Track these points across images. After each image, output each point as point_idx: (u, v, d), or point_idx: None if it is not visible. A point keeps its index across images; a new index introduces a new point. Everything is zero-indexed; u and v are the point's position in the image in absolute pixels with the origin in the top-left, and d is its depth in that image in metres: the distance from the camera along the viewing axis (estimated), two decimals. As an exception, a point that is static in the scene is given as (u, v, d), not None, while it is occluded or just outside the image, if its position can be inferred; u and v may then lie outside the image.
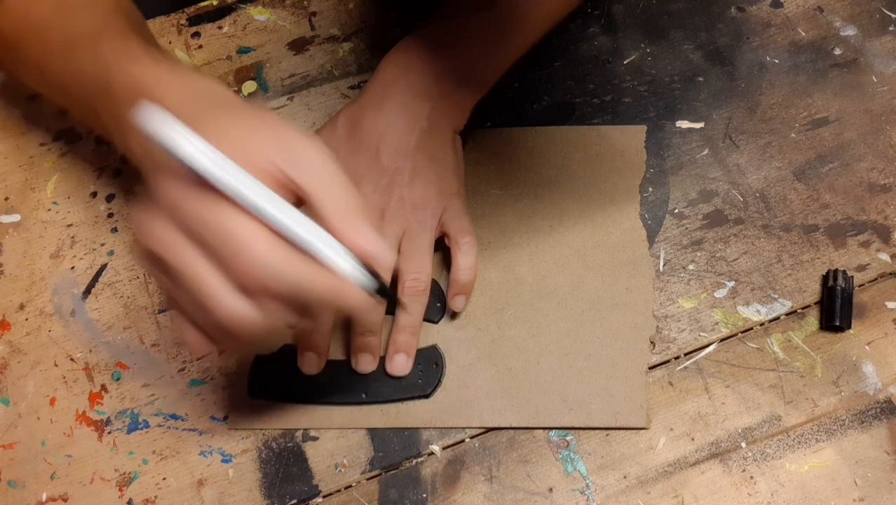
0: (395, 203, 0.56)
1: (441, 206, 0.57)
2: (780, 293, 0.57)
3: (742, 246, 0.59)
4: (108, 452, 0.57)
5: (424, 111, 0.58)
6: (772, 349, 0.56)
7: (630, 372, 0.55)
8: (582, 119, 0.64)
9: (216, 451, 0.57)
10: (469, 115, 0.61)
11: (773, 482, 0.52)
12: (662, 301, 0.58)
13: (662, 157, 0.63)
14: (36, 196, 0.66)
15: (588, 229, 0.60)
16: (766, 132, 0.63)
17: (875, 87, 0.63)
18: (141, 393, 0.59)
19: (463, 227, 0.57)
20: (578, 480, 0.54)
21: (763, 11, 0.67)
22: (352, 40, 0.70)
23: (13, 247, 0.65)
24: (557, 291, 0.58)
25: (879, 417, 0.54)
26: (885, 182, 0.60)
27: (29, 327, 0.62)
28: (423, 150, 0.57)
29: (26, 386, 0.60)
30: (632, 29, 0.68)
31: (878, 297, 0.57)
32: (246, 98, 0.68)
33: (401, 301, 0.55)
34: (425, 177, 0.57)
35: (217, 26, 0.72)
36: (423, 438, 0.56)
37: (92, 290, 0.62)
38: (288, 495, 0.55)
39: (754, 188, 0.61)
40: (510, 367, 0.56)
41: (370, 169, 0.57)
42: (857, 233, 0.59)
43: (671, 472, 0.53)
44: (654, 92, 0.65)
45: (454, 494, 0.54)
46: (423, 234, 0.56)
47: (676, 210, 0.61)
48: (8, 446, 0.58)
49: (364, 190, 0.57)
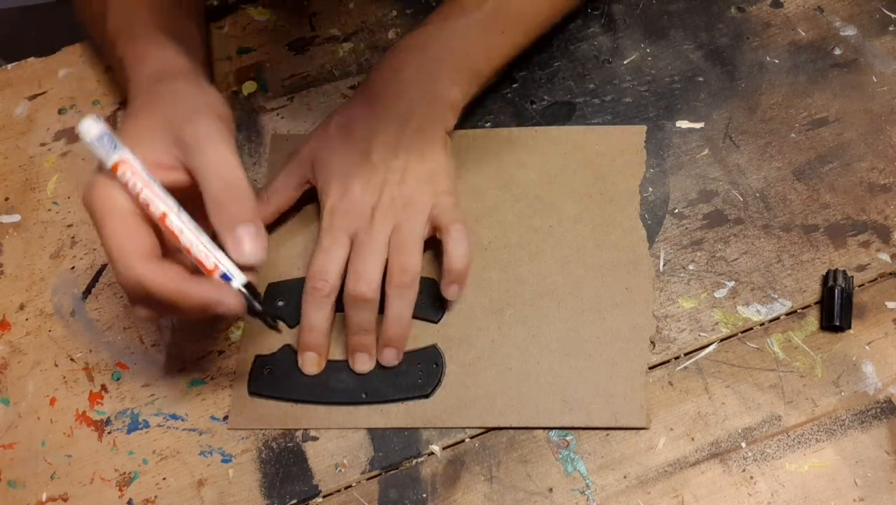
0: (386, 201, 0.57)
1: (430, 203, 0.57)
2: (780, 293, 0.57)
3: (742, 246, 0.59)
4: (108, 452, 0.57)
5: (416, 112, 0.58)
6: (772, 349, 0.56)
7: (630, 372, 0.55)
8: (582, 119, 0.64)
9: (216, 451, 0.57)
10: (460, 116, 0.61)
11: (773, 482, 0.52)
12: (662, 301, 0.58)
13: (662, 157, 0.63)
14: (36, 196, 0.66)
15: (588, 229, 0.60)
16: (766, 132, 0.63)
17: (875, 87, 0.63)
18: (141, 393, 0.59)
19: (453, 217, 0.57)
20: (578, 480, 0.54)
21: (763, 11, 0.67)
22: (352, 40, 0.70)
23: (13, 247, 0.65)
24: (557, 291, 0.58)
25: (879, 417, 0.54)
26: (885, 182, 0.60)
27: (29, 327, 0.62)
28: (414, 150, 0.58)
29: (26, 386, 0.60)
30: (632, 29, 0.68)
31: (878, 297, 0.57)
32: (246, 98, 0.68)
33: (389, 294, 0.55)
34: (416, 176, 0.57)
35: (217, 26, 0.72)
36: (423, 438, 0.56)
37: (92, 290, 0.62)
38: (288, 495, 0.55)
39: (754, 188, 0.61)
40: (510, 367, 0.56)
41: (362, 168, 0.58)
42: (857, 233, 0.59)
43: (671, 472, 0.53)
44: (654, 92, 0.65)
45: (454, 494, 0.54)
46: (412, 230, 0.56)
47: (676, 210, 0.61)
48: (8, 446, 0.58)
49: (355, 188, 0.57)
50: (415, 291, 0.56)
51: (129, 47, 0.57)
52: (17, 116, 0.70)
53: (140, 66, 0.55)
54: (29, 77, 0.72)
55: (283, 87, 0.69)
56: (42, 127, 0.69)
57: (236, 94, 0.69)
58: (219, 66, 0.70)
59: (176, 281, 0.46)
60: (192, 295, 0.46)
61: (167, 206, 0.47)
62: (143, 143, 0.48)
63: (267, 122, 0.67)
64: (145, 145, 0.48)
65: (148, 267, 0.46)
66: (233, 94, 0.69)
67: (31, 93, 0.71)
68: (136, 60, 0.55)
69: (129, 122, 0.50)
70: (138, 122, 0.49)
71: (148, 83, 0.53)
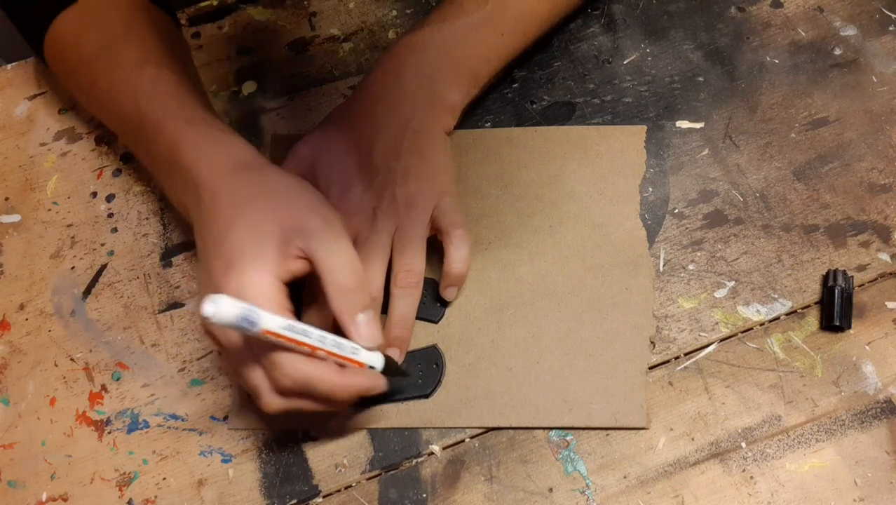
0: (387, 201, 0.57)
1: (432, 203, 0.57)
2: (780, 293, 0.57)
3: (742, 246, 0.59)
4: (108, 452, 0.57)
5: (416, 112, 0.59)
6: (772, 349, 0.56)
7: (630, 372, 0.55)
8: (582, 119, 0.64)
9: (216, 451, 0.57)
10: (459, 116, 0.61)
11: (773, 482, 0.52)
12: (662, 301, 0.58)
13: (662, 157, 0.63)
14: (36, 196, 0.66)
15: (588, 229, 0.60)
16: (766, 132, 0.63)
17: (875, 87, 0.63)
18: (141, 393, 0.59)
19: (455, 220, 0.57)
20: (578, 480, 0.54)
21: (763, 11, 0.67)
22: (352, 40, 0.70)
23: (13, 247, 0.65)
24: (557, 291, 0.58)
25: (879, 417, 0.54)
26: (885, 182, 0.60)
27: (29, 327, 0.62)
28: (414, 151, 0.58)
29: (26, 386, 0.60)
30: (632, 29, 0.68)
31: (878, 297, 0.57)
32: (246, 98, 0.68)
33: (394, 294, 0.55)
34: (417, 176, 0.57)
35: (217, 26, 0.72)
36: (423, 438, 0.56)
37: (92, 290, 0.62)
38: (288, 495, 0.55)
39: (754, 188, 0.61)
40: (510, 367, 0.56)
41: (362, 169, 0.58)
42: (857, 233, 0.59)
43: (671, 472, 0.53)
44: (654, 92, 0.65)
45: (454, 494, 0.54)
46: (414, 230, 0.56)
47: (676, 210, 0.61)
48: (8, 446, 0.58)
49: (356, 190, 0.57)
50: (419, 291, 0.56)
51: (188, 131, 0.54)
52: (17, 116, 0.70)
53: (212, 151, 0.53)
54: (29, 77, 0.72)
55: (283, 87, 0.69)
56: (42, 127, 0.69)
57: (236, 94, 0.69)
58: (219, 66, 0.70)
59: (337, 375, 0.49)
60: (351, 386, 0.49)
61: (312, 339, 0.48)
62: (270, 237, 0.49)
63: (267, 122, 0.67)
64: (272, 240, 0.49)
65: (313, 364, 0.48)
66: (233, 94, 0.69)
67: (31, 93, 0.71)
68: (206, 144, 0.54)
69: (240, 214, 0.50)
70: (257, 215, 0.50)
71: (232, 170, 0.52)
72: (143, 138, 0.57)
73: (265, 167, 0.53)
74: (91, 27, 0.61)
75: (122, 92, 0.58)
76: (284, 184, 0.52)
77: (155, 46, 0.59)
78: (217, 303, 0.43)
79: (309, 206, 0.51)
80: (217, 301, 0.43)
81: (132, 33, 0.60)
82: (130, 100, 0.57)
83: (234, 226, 0.49)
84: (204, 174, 0.52)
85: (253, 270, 0.48)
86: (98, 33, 0.60)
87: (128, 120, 0.58)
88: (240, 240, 0.49)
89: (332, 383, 0.48)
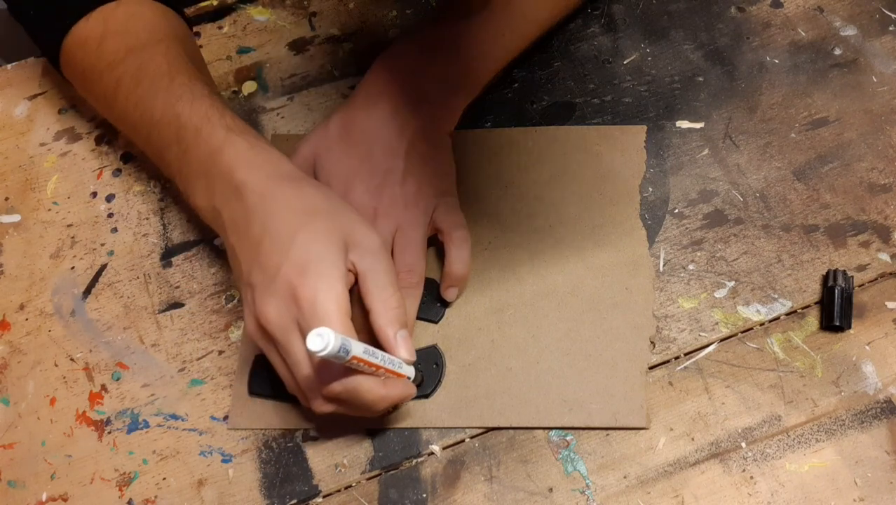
0: (388, 202, 0.57)
1: (433, 204, 0.57)
2: (780, 293, 0.57)
3: (742, 246, 0.59)
4: (108, 452, 0.57)
5: (416, 113, 0.59)
6: (772, 349, 0.56)
7: (630, 372, 0.55)
8: (582, 119, 0.64)
9: (216, 451, 0.57)
10: (459, 117, 0.61)
11: (773, 482, 0.52)
12: (662, 301, 0.58)
13: (662, 157, 0.63)
14: (36, 196, 0.66)
15: (588, 229, 0.60)
16: (766, 132, 0.63)
17: (875, 87, 0.63)
18: (141, 393, 0.59)
19: (455, 221, 0.57)
20: (578, 480, 0.54)
21: (763, 11, 0.67)
22: (352, 40, 0.70)
23: (13, 247, 0.65)
24: (557, 291, 0.58)
25: (879, 417, 0.54)
26: (885, 182, 0.60)
27: (29, 327, 0.62)
28: (414, 151, 0.58)
29: (26, 386, 0.60)
30: (632, 29, 0.68)
31: (878, 297, 0.57)
32: (246, 98, 0.68)
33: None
34: (417, 176, 0.57)
35: (217, 26, 0.72)
36: (423, 438, 0.56)
37: (92, 290, 0.62)
38: (288, 495, 0.55)
39: (754, 188, 0.61)
40: (510, 367, 0.56)
41: (362, 169, 0.58)
42: (857, 233, 0.59)
43: (671, 472, 0.53)
44: (654, 92, 0.65)
45: (454, 494, 0.54)
46: (415, 231, 0.57)
47: (676, 210, 0.61)
48: (8, 446, 0.58)
49: (356, 190, 0.57)
50: (420, 291, 0.56)
51: (231, 137, 0.54)
52: (17, 116, 0.70)
53: (255, 158, 0.53)
54: (29, 77, 0.72)
55: (283, 87, 0.69)
56: (42, 127, 0.69)
57: (236, 94, 0.69)
58: (219, 66, 0.70)
59: (381, 387, 0.50)
60: (392, 396, 0.51)
61: (378, 359, 0.49)
62: (337, 248, 0.50)
63: (267, 122, 0.67)
64: (340, 251, 0.50)
65: (364, 376, 0.49)
66: (233, 94, 0.69)
67: (31, 93, 0.71)
68: (248, 150, 0.54)
69: (307, 223, 0.51)
70: (324, 224, 0.51)
71: (276, 178, 0.53)
72: (176, 144, 0.56)
73: (306, 179, 0.54)
74: (115, 33, 0.60)
75: (154, 99, 0.57)
76: (334, 198, 0.53)
77: (180, 54, 0.59)
78: (323, 336, 0.44)
79: (361, 224, 0.52)
80: (324, 335, 0.44)
81: (158, 41, 0.59)
82: (166, 106, 0.56)
83: (301, 232, 0.50)
84: (249, 177, 0.52)
85: (328, 276, 0.49)
86: (123, 40, 0.60)
87: (159, 126, 0.57)
88: (310, 247, 0.50)
89: (377, 394, 0.50)
